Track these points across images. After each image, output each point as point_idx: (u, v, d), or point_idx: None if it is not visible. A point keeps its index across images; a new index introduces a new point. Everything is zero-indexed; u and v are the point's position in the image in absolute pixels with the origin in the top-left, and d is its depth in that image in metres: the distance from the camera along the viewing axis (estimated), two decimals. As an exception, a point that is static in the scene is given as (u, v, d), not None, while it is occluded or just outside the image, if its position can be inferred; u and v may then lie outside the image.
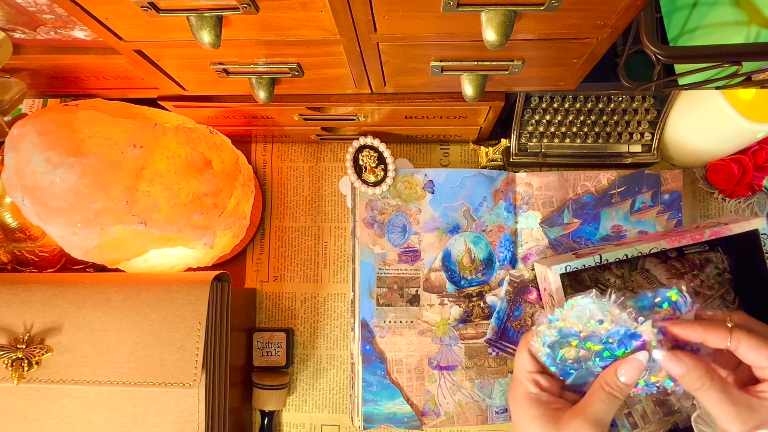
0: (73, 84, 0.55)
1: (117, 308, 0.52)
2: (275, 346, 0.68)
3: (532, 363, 0.49)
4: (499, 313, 0.65)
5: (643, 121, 0.64)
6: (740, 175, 0.66)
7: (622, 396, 0.45)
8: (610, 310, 0.44)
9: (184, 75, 0.50)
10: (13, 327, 0.52)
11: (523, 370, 0.49)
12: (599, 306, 0.44)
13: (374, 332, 0.65)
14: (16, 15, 0.43)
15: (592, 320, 0.45)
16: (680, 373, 0.44)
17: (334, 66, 0.47)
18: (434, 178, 0.67)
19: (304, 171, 0.73)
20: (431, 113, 0.59)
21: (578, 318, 0.45)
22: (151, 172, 0.49)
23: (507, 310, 0.65)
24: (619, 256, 0.57)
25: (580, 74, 0.49)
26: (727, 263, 0.63)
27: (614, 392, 0.45)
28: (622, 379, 0.45)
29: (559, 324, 0.46)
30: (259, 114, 0.61)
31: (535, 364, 0.49)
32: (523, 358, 0.49)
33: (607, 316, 0.44)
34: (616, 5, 0.36)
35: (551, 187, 0.67)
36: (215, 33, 0.37)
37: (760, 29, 0.49)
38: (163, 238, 0.54)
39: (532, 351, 0.49)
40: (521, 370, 0.49)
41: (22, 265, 0.61)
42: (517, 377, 0.50)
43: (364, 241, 0.66)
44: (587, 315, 0.45)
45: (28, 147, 0.45)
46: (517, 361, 0.50)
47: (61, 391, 0.52)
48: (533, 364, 0.49)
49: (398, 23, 0.39)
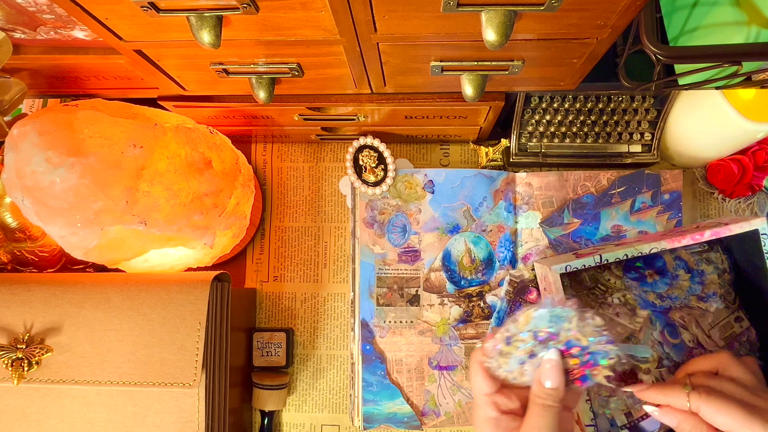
0: (73, 84, 0.55)
1: (117, 308, 0.52)
2: (275, 346, 0.68)
3: (489, 384, 0.46)
4: (499, 313, 0.65)
5: (643, 121, 0.64)
6: (740, 175, 0.66)
7: (555, 401, 0.45)
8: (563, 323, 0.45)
9: (184, 75, 0.50)
10: (13, 327, 0.52)
11: (481, 393, 0.47)
12: (549, 317, 0.45)
13: (374, 332, 0.65)
14: (16, 15, 0.43)
15: (542, 332, 0.45)
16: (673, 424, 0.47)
17: (334, 66, 0.47)
18: (434, 178, 0.67)
19: (304, 171, 0.73)
20: (431, 113, 0.59)
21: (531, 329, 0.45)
22: (151, 172, 0.49)
23: (507, 310, 0.65)
24: (619, 256, 0.57)
25: (580, 74, 0.49)
26: (727, 263, 0.63)
27: (546, 401, 0.45)
28: (548, 385, 0.45)
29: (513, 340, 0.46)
30: (259, 114, 0.61)
31: (491, 385, 0.46)
32: (478, 380, 0.47)
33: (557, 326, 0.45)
34: (616, 5, 0.36)
35: (551, 187, 0.67)
36: (215, 33, 0.37)
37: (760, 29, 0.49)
38: (163, 238, 0.54)
39: (487, 370, 0.47)
40: (479, 394, 0.47)
41: (22, 265, 0.61)
42: (476, 401, 0.48)
43: (364, 241, 0.66)
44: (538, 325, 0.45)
45: (28, 147, 0.45)
46: (473, 386, 0.48)
47: (61, 391, 0.52)
48: (489, 384, 0.46)
49: (398, 23, 0.39)
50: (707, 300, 0.61)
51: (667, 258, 0.63)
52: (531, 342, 0.45)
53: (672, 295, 0.62)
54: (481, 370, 0.47)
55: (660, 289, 0.62)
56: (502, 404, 0.46)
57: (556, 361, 0.45)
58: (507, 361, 0.46)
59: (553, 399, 0.44)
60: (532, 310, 0.45)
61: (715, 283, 0.62)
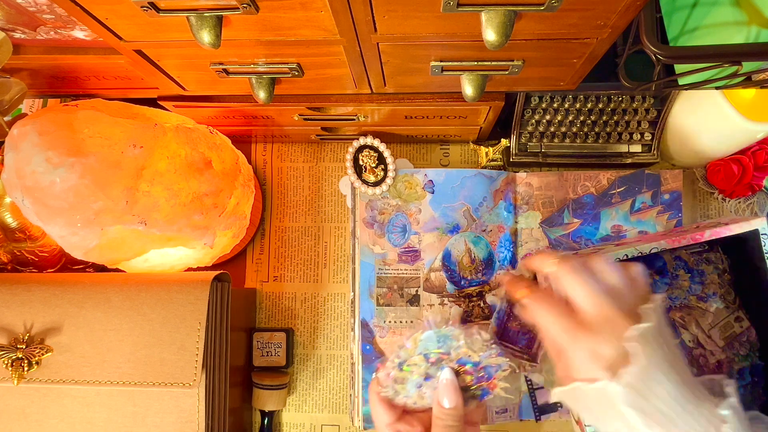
0: (73, 84, 0.55)
1: (117, 308, 0.52)
2: (275, 346, 0.68)
3: (389, 413, 0.47)
4: (499, 313, 0.65)
5: (643, 121, 0.64)
6: (740, 175, 0.66)
7: (456, 421, 0.45)
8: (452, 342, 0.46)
9: (184, 75, 0.50)
10: (13, 327, 0.52)
11: (383, 424, 0.47)
12: (436, 338, 0.45)
13: (374, 332, 0.65)
14: (16, 15, 0.43)
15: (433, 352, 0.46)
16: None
17: (334, 66, 0.47)
18: (434, 178, 0.67)
19: (304, 171, 0.73)
20: (431, 113, 0.59)
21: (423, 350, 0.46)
22: (151, 172, 0.49)
23: (507, 310, 0.65)
24: (619, 256, 0.57)
25: (580, 74, 0.49)
26: (727, 263, 0.63)
27: (447, 421, 0.45)
28: (447, 405, 0.45)
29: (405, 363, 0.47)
30: (259, 114, 0.61)
31: (391, 414, 0.47)
32: (379, 412, 0.47)
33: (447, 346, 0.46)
34: (616, 5, 0.36)
35: (551, 187, 0.67)
36: (215, 33, 0.37)
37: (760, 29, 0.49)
38: (163, 238, 0.54)
39: (385, 399, 0.47)
40: (381, 426, 0.47)
41: (22, 265, 0.61)
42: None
43: (364, 241, 0.66)
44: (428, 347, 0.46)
45: (28, 147, 0.45)
46: (374, 417, 0.48)
47: (61, 391, 0.52)
48: (390, 415, 0.47)
49: (398, 23, 0.39)
50: (707, 300, 0.61)
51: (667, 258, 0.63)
52: (423, 364, 0.46)
53: (672, 295, 0.62)
54: (379, 401, 0.47)
55: (660, 289, 0.62)
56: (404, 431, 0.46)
57: (450, 380, 0.45)
58: (404, 386, 0.47)
59: (453, 419, 0.45)
60: (419, 333, 0.46)
61: (715, 283, 0.62)
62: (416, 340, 0.46)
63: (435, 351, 0.45)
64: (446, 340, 0.45)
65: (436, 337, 0.45)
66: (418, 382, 0.46)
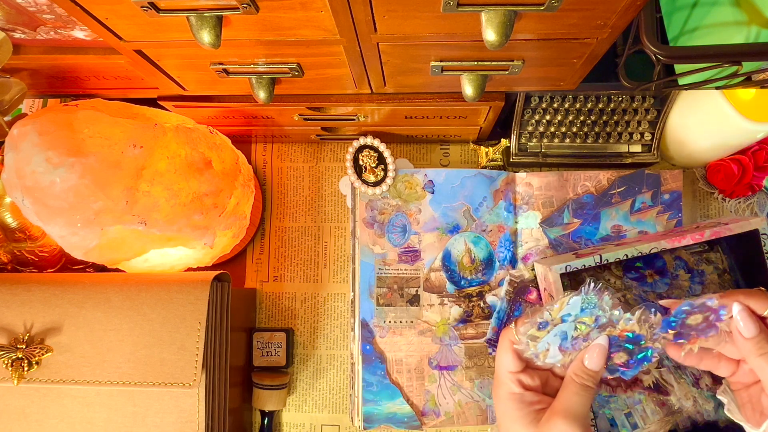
0: (73, 84, 0.55)
1: (117, 308, 0.52)
2: (275, 346, 0.68)
3: (516, 362, 0.49)
4: (499, 313, 0.65)
5: (643, 121, 0.64)
6: (740, 175, 0.66)
7: (594, 383, 0.47)
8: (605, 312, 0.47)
9: (184, 75, 0.50)
10: (13, 327, 0.52)
11: (505, 371, 0.50)
12: (582, 303, 0.47)
13: (374, 332, 0.65)
14: (16, 15, 0.43)
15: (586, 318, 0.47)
16: (751, 334, 0.44)
17: (334, 66, 0.47)
18: (434, 178, 0.67)
19: (304, 171, 0.73)
20: (431, 113, 0.59)
21: (571, 313, 0.47)
22: (151, 172, 0.49)
23: (507, 310, 0.65)
24: (619, 256, 0.57)
25: (580, 74, 0.49)
26: (727, 263, 0.63)
27: (585, 381, 0.47)
28: (591, 366, 0.47)
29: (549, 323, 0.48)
30: (259, 114, 0.61)
31: (518, 364, 0.49)
32: (506, 358, 0.50)
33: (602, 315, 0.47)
34: (616, 5, 0.36)
35: (551, 187, 0.67)
36: (215, 33, 0.37)
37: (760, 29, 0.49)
38: (163, 238, 0.54)
39: (516, 350, 0.49)
40: (504, 371, 0.50)
41: (22, 265, 0.61)
42: (500, 377, 0.50)
43: (364, 241, 0.66)
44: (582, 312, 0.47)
45: (28, 147, 0.45)
46: (499, 361, 0.51)
47: (61, 391, 0.52)
48: (516, 364, 0.49)
49: (398, 23, 0.39)
50: (707, 300, 0.61)
51: (667, 258, 0.63)
52: (592, 325, 0.47)
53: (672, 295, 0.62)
54: (511, 350, 0.49)
55: (660, 289, 0.62)
56: (525, 382, 0.49)
57: (604, 347, 0.47)
58: (536, 344, 0.48)
59: (592, 380, 0.47)
60: (568, 297, 0.47)
61: (715, 283, 0.62)
62: (563, 303, 0.47)
63: (585, 318, 0.47)
64: (592, 308, 0.47)
65: (581, 304, 0.47)
66: (555, 341, 0.48)
